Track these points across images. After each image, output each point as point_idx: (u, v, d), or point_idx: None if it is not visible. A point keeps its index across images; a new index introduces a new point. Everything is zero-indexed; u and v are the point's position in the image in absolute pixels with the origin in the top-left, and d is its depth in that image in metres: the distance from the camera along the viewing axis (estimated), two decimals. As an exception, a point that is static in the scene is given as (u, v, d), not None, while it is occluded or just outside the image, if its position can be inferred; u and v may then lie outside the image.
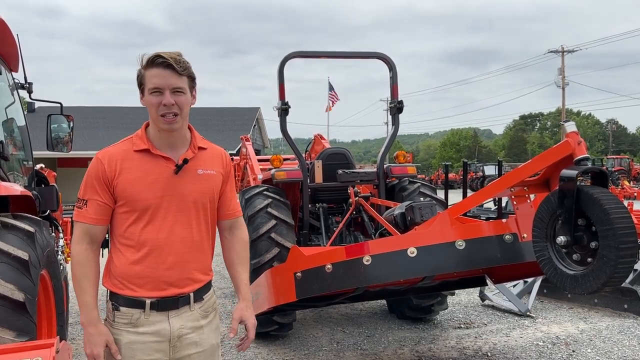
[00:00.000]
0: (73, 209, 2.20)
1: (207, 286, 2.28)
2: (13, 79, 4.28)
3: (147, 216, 2.12)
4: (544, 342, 5.30)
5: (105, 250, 2.51)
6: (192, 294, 2.19)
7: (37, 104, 4.86)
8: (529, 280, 6.45)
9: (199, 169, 2.20)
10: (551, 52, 45.90)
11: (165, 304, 2.14)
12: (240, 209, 2.44)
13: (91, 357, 2.11)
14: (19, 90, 4.39)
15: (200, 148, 2.24)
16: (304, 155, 6.70)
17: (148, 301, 2.12)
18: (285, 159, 7.03)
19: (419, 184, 5.66)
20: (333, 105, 33.08)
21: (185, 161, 2.15)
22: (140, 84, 2.11)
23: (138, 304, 2.13)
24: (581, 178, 2.61)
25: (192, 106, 2.21)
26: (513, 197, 3.16)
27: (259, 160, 7.87)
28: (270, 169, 5.95)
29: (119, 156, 2.13)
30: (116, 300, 2.16)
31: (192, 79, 2.13)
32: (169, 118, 2.08)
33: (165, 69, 2.04)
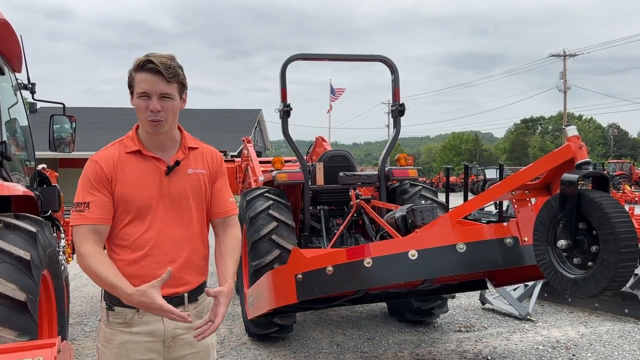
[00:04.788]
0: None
1: (202, 287, 2.27)
2: (16, 79, 4.29)
3: (140, 217, 2.13)
4: (544, 346, 5.30)
5: None
6: (186, 295, 2.20)
7: (40, 105, 4.87)
8: (530, 283, 6.45)
9: (189, 169, 2.22)
10: (553, 55, 45.88)
11: None
12: (235, 207, 2.41)
13: (163, 309, 1.98)
14: (22, 91, 4.41)
15: (191, 148, 2.25)
16: (305, 157, 6.70)
17: None
18: (286, 161, 7.04)
19: (420, 187, 5.66)
20: (336, 100, 32.58)
21: (177, 163, 2.17)
22: (130, 86, 2.12)
23: None
24: (582, 182, 2.61)
25: (187, 106, 2.23)
26: (514, 200, 3.16)
27: (261, 162, 7.86)
28: (271, 171, 5.95)
29: (113, 158, 2.14)
30: (110, 300, 2.16)
31: (182, 85, 2.12)
32: (154, 123, 2.09)
33: (155, 75, 2.03)
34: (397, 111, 5.85)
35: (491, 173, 35.33)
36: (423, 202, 5.19)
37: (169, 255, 2.15)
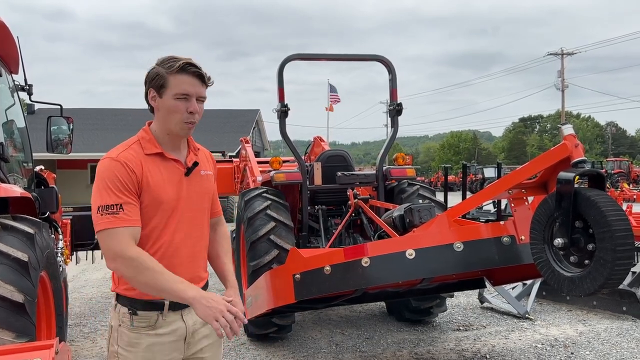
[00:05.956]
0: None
1: (207, 281, 2.37)
2: (13, 80, 4.29)
3: (164, 219, 2.14)
4: (542, 344, 5.31)
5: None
6: None
7: (37, 106, 4.87)
8: (528, 282, 6.46)
9: (202, 170, 2.28)
10: (550, 54, 45.94)
11: (180, 303, 2.15)
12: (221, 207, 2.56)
13: (225, 313, 1.97)
14: (19, 92, 4.41)
15: (198, 149, 2.32)
16: (303, 157, 6.71)
17: (167, 302, 2.14)
18: (284, 161, 7.04)
19: (418, 186, 5.67)
20: (334, 105, 32.44)
21: (196, 164, 2.22)
22: (161, 86, 2.09)
23: (157, 306, 2.14)
24: (579, 180, 2.62)
25: None
26: (511, 199, 3.17)
27: (259, 162, 7.86)
28: (269, 171, 5.96)
29: (138, 160, 2.11)
30: (133, 304, 2.15)
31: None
32: (190, 125, 2.14)
33: (195, 78, 2.09)
34: (395, 111, 5.85)
35: (489, 172, 35.40)
36: (421, 201, 5.19)
37: (190, 255, 2.20)
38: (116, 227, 2.01)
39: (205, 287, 2.30)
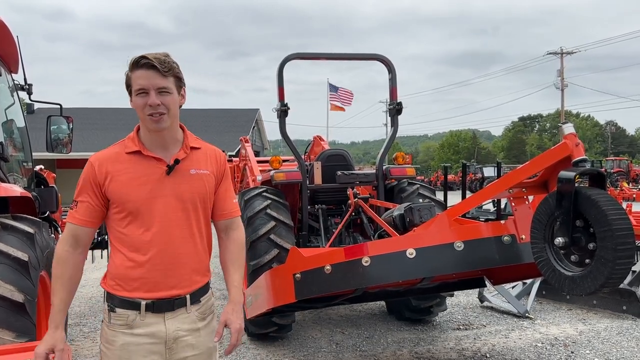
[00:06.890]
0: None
1: (204, 288, 2.25)
2: (13, 80, 4.29)
3: (139, 217, 2.11)
4: (542, 343, 5.31)
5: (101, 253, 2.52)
6: (188, 296, 2.17)
7: (37, 105, 4.87)
8: (528, 281, 6.46)
9: (192, 169, 2.19)
10: (550, 53, 45.94)
11: (161, 306, 2.13)
12: (238, 209, 2.39)
13: (34, 355, 2.05)
14: (19, 92, 4.41)
15: (193, 148, 2.22)
16: (303, 156, 6.71)
17: (143, 302, 2.11)
18: (284, 161, 7.04)
19: (418, 186, 5.67)
20: (349, 103, 31.80)
21: (177, 161, 2.14)
22: (128, 87, 2.11)
23: (133, 305, 2.12)
24: (579, 180, 2.62)
25: (185, 106, 2.22)
26: (511, 198, 3.17)
27: (258, 162, 7.86)
28: (269, 171, 5.95)
29: (109, 159, 2.14)
30: (112, 301, 2.15)
31: (178, 79, 2.12)
32: (156, 117, 2.07)
33: (149, 70, 2.04)
34: (395, 110, 5.85)
35: (489, 171, 35.43)
36: (421, 200, 5.19)
37: (170, 256, 2.13)
38: (66, 221, 2.18)
39: (199, 293, 2.22)
